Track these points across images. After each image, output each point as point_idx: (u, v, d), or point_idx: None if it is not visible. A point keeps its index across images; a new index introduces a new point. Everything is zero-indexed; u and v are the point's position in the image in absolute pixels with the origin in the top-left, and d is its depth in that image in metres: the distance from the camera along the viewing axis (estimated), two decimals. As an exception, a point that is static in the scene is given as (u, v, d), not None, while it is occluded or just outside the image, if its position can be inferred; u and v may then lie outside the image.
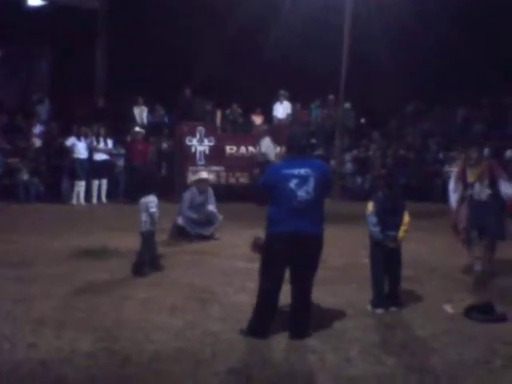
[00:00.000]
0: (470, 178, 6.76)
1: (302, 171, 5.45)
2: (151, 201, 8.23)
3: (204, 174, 11.93)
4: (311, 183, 5.43)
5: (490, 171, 6.72)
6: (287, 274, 5.61)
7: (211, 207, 10.83)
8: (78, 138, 16.22)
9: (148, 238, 8.29)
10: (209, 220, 10.81)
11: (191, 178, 12.22)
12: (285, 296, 5.63)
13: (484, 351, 5.22)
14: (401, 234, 6.38)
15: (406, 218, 6.47)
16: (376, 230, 6.42)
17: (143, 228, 8.29)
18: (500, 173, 6.77)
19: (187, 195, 10.92)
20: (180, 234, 10.68)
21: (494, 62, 19.81)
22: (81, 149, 16.21)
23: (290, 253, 5.44)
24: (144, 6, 20.74)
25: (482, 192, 6.73)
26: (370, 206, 6.57)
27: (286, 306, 5.68)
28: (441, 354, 5.16)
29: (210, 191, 11.10)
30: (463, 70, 20.20)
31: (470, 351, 5.22)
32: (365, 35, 18.84)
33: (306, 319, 5.56)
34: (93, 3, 21.24)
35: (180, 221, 10.71)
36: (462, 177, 6.94)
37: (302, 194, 5.40)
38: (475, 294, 6.41)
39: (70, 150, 16.24)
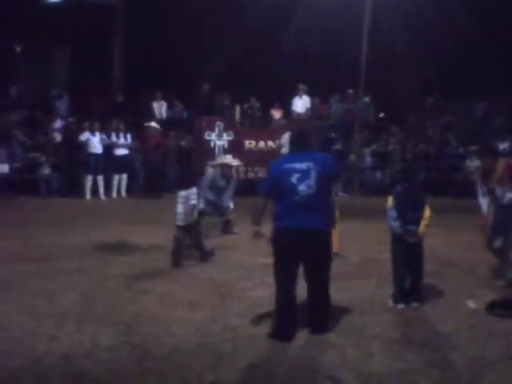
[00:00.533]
0: (491, 183, 6.70)
1: (304, 165, 5.41)
2: (193, 193, 8.36)
3: (229, 159, 11.58)
4: (313, 177, 5.37)
5: (509, 173, 6.64)
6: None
7: (227, 200, 10.78)
8: (92, 133, 16.27)
9: (187, 230, 8.35)
10: (221, 212, 10.76)
11: (217, 160, 11.88)
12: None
13: (506, 347, 5.17)
14: (421, 228, 6.31)
15: (427, 212, 6.39)
16: (396, 224, 6.37)
17: (179, 221, 8.29)
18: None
19: (209, 175, 10.87)
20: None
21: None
22: (95, 143, 16.25)
23: (297, 248, 5.36)
24: (161, 2, 20.74)
25: (504, 195, 6.65)
26: (390, 200, 6.51)
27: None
28: (462, 349, 5.12)
29: (233, 180, 11.03)
30: (482, 63, 20.04)
31: (492, 347, 5.17)
32: (384, 29, 18.76)
33: (324, 315, 5.52)
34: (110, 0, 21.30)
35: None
36: (484, 182, 6.87)
37: (303, 188, 5.35)
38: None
39: (84, 145, 16.30)
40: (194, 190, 8.40)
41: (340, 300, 6.44)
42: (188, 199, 8.27)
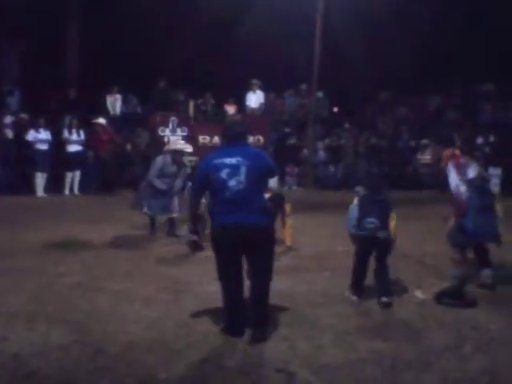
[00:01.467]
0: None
1: (234, 160, 5.29)
2: None
3: (181, 144, 11.12)
4: (243, 172, 5.24)
5: (452, 163, 6.80)
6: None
7: (178, 186, 10.30)
8: (37, 130, 16.06)
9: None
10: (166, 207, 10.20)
11: (168, 146, 11.03)
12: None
13: (454, 336, 5.30)
14: (392, 230, 6.39)
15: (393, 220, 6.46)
16: (353, 223, 6.43)
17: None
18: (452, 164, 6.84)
19: (158, 162, 10.17)
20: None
21: (466, 50, 19.98)
22: (41, 140, 16.06)
23: (235, 244, 5.27)
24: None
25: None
26: (355, 200, 6.58)
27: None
28: (412, 339, 5.23)
29: (184, 169, 10.59)
30: (436, 58, 20.37)
31: (440, 337, 5.30)
32: (338, 24, 18.89)
33: (264, 314, 5.40)
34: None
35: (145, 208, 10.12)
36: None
37: (233, 183, 5.23)
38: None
39: (32, 142, 16.10)
40: None
41: (293, 293, 6.55)
42: None
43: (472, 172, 6.76)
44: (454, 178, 6.71)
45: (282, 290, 6.68)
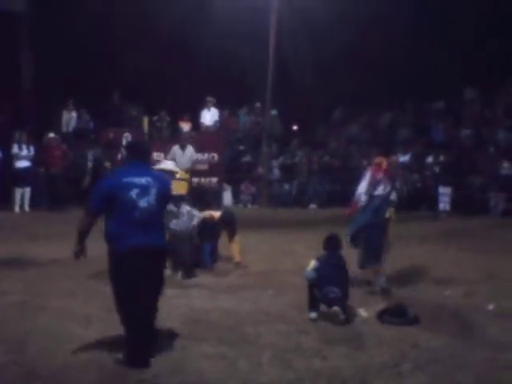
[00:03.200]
0: None
1: (143, 180, 5.15)
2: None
3: (169, 165, 10.56)
4: (153, 193, 5.13)
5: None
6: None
7: None
8: None
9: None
10: None
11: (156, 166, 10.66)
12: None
13: (393, 354, 5.33)
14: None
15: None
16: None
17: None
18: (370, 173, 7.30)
19: None
20: None
21: (419, 66, 20.30)
22: None
23: (142, 267, 5.05)
24: (69, 8, 20.36)
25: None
26: (312, 262, 6.43)
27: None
28: (351, 357, 5.25)
29: None
30: (389, 75, 20.64)
31: (379, 354, 5.33)
32: (290, 42, 19.10)
33: (149, 345, 5.14)
34: (17, 6, 20.67)
35: None
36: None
37: (143, 204, 5.07)
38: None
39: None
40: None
41: (236, 311, 6.55)
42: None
43: (380, 189, 7.20)
44: (362, 186, 7.21)
45: (225, 308, 6.71)
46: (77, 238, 5.32)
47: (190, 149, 16.43)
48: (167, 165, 10.38)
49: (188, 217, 8.85)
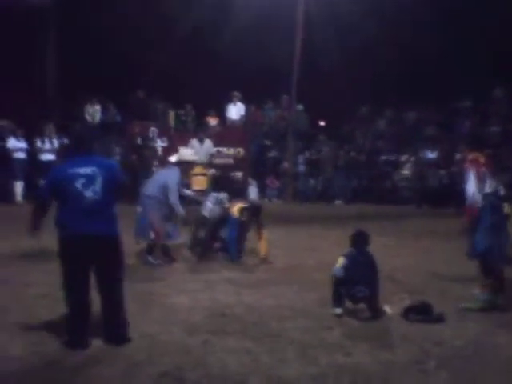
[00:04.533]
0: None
1: (89, 170, 5.24)
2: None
3: (189, 156, 10.41)
4: (99, 182, 5.23)
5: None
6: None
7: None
8: (17, 138, 16.06)
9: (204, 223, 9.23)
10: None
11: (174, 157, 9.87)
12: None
13: (417, 352, 5.27)
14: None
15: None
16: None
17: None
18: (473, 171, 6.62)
19: (174, 174, 8.91)
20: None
21: (446, 66, 20.14)
22: (19, 149, 16.15)
23: (86, 255, 5.21)
24: (98, 4, 20.51)
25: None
26: (341, 259, 6.32)
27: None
28: (375, 354, 5.20)
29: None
30: (416, 72, 20.50)
31: (403, 351, 5.27)
32: (318, 37, 19.00)
33: (119, 326, 5.34)
34: (43, 1, 20.85)
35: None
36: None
37: (89, 194, 5.19)
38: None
39: (10, 151, 16.16)
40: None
41: (260, 306, 6.52)
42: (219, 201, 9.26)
43: (488, 186, 6.61)
44: (471, 186, 6.54)
45: (249, 303, 6.71)
46: (30, 222, 5.54)
47: (208, 142, 16.50)
48: (185, 155, 10.44)
49: (216, 203, 9.00)
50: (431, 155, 18.34)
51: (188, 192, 9.36)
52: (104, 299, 5.34)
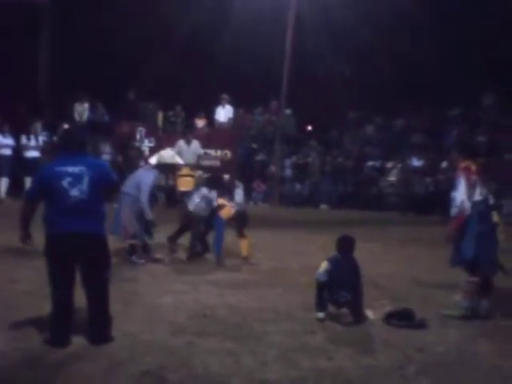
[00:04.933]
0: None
1: (76, 169, 5.24)
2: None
3: (169, 158, 9.77)
4: (85, 182, 5.23)
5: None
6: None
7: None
8: (3, 135, 16.06)
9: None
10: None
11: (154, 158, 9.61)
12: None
13: (398, 357, 5.30)
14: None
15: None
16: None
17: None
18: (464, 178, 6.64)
19: (149, 176, 8.93)
20: None
21: (435, 72, 20.24)
22: (4, 145, 16.12)
23: (71, 254, 5.23)
24: (90, 4, 20.50)
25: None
26: (324, 264, 6.31)
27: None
28: (357, 358, 5.22)
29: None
30: (406, 79, 20.60)
31: (385, 357, 5.30)
32: (308, 43, 19.07)
33: (103, 325, 5.35)
34: (36, 0, 20.83)
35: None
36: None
37: (75, 193, 5.19)
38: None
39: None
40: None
41: (243, 307, 6.56)
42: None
43: (478, 194, 6.60)
44: (460, 193, 6.53)
45: (233, 304, 6.72)
46: (20, 224, 5.50)
47: (195, 143, 16.45)
48: (165, 157, 9.59)
49: (202, 198, 9.02)
50: (417, 163, 18.43)
51: (150, 216, 8.89)
52: (89, 298, 5.33)
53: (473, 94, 18.93)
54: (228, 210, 9.14)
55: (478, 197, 6.60)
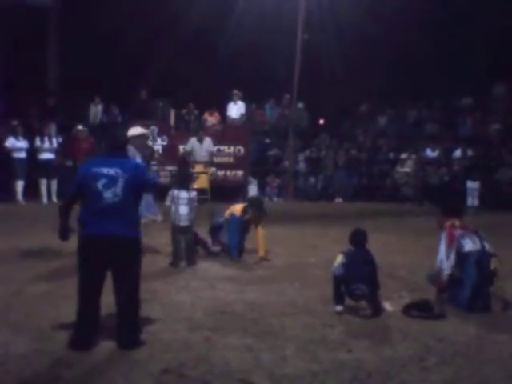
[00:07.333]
0: None
1: (112, 171, 5.20)
2: (194, 195, 8.73)
3: (137, 130, 9.90)
4: (120, 184, 5.17)
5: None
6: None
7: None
8: (16, 138, 16.07)
9: (185, 231, 8.62)
10: None
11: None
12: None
13: (418, 348, 5.28)
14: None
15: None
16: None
17: (184, 221, 8.58)
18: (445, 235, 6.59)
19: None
20: None
21: (446, 64, 20.15)
22: (19, 148, 16.16)
23: (102, 256, 5.19)
24: (98, 4, 20.54)
25: None
26: (340, 258, 6.34)
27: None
28: (376, 350, 5.21)
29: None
30: (416, 71, 20.51)
31: (404, 348, 5.28)
32: (318, 37, 19.04)
33: (133, 330, 5.28)
34: (45, 1, 20.90)
35: None
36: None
37: (108, 195, 5.15)
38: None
39: (10, 150, 16.18)
40: (194, 193, 8.72)
41: (261, 303, 6.55)
42: (191, 201, 8.56)
43: (470, 244, 6.53)
44: (441, 250, 6.51)
45: (250, 300, 6.71)
46: (59, 222, 5.52)
47: (207, 141, 16.40)
48: (135, 131, 9.77)
49: (187, 203, 8.66)
50: (431, 153, 18.35)
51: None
52: (119, 302, 5.27)
53: (484, 84, 18.82)
54: (240, 206, 9.11)
55: (471, 247, 6.53)
